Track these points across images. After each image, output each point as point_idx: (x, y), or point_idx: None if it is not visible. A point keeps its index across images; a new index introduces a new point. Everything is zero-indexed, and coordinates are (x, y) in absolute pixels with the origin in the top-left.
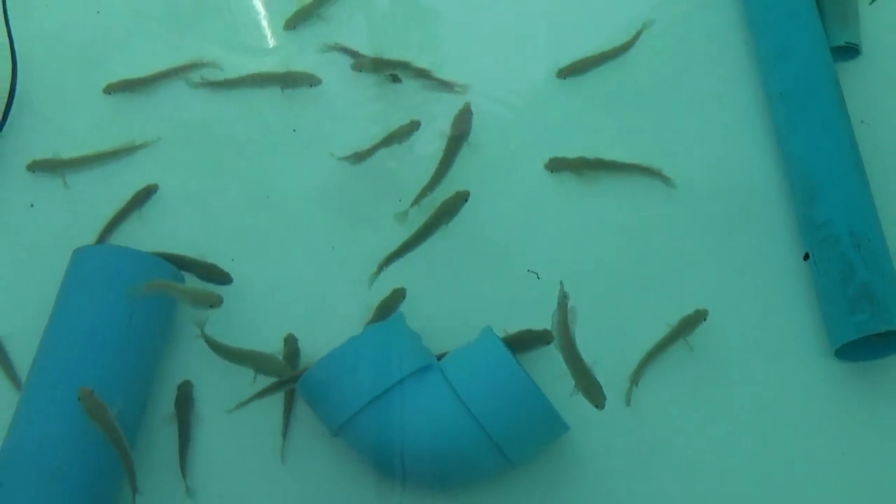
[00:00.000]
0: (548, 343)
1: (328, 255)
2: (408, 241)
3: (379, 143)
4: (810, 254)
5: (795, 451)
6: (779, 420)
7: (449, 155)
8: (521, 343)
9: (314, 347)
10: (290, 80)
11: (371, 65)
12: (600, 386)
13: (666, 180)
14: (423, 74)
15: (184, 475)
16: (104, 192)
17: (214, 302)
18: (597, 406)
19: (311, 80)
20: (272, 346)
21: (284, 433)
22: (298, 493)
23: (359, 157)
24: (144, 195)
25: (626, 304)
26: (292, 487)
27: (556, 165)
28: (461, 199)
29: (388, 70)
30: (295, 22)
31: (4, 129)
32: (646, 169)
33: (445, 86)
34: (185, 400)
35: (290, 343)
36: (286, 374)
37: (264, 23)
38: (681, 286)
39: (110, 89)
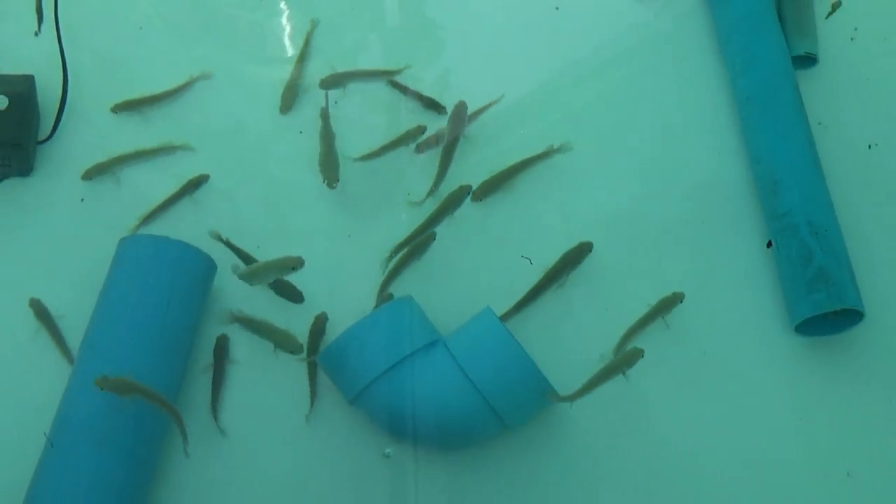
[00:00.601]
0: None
1: (345, 243)
2: (417, 229)
3: (389, 144)
4: (773, 241)
5: (759, 415)
6: (744, 388)
7: (447, 153)
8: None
9: (332, 325)
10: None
11: (333, 80)
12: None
13: (558, 149)
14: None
15: (215, 416)
16: (146, 189)
17: (296, 264)
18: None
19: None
20: (294, 322)
21: (312, 400)
22: (315, 448)
23: (371, 157)
24: (196, 184)
25: (611, 286)
26: (310, 441)
27: (478, 195)
28: (464, 192)
29: (349, 80)
30: (287, 105)
31: (55, 134)
32: (545, 153)
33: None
34: (221, 350)
35: (319, 321)
36: (298, 351)
37: (289, 39)
38: (660, 270)
39: (117, 109)
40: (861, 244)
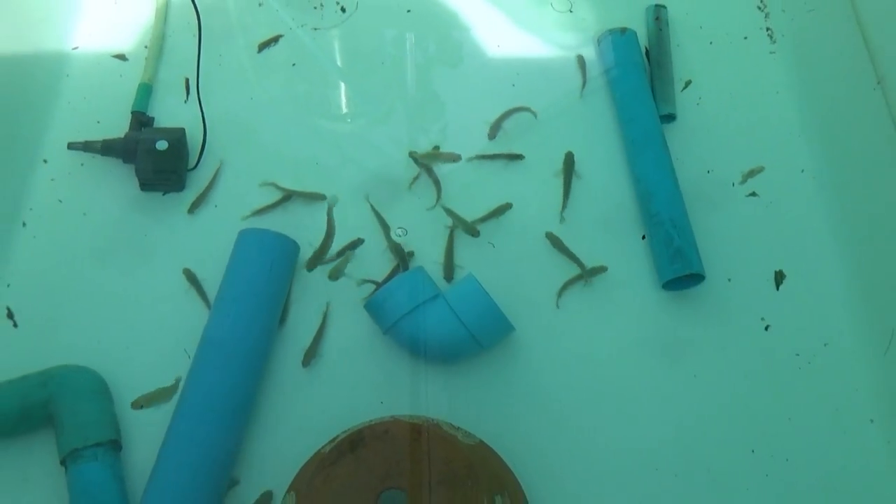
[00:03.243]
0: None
1: (373, 220)
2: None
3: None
4: (647, 234)
5: (637, 339)
6: (629, 322)
7: (436, 183)
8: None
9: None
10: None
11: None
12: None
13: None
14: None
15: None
16: (253, 201)
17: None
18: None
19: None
20: (340, 288)
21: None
22: (357, 360)
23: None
24: (288, 197)
25: (549, 261)
26: (354, 357)
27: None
28: (506, 208)
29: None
30: (308, 361)
31: (199, 164)
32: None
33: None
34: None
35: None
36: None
37: (343, 104)
38: (585, 250)
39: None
40: (702, 232)
